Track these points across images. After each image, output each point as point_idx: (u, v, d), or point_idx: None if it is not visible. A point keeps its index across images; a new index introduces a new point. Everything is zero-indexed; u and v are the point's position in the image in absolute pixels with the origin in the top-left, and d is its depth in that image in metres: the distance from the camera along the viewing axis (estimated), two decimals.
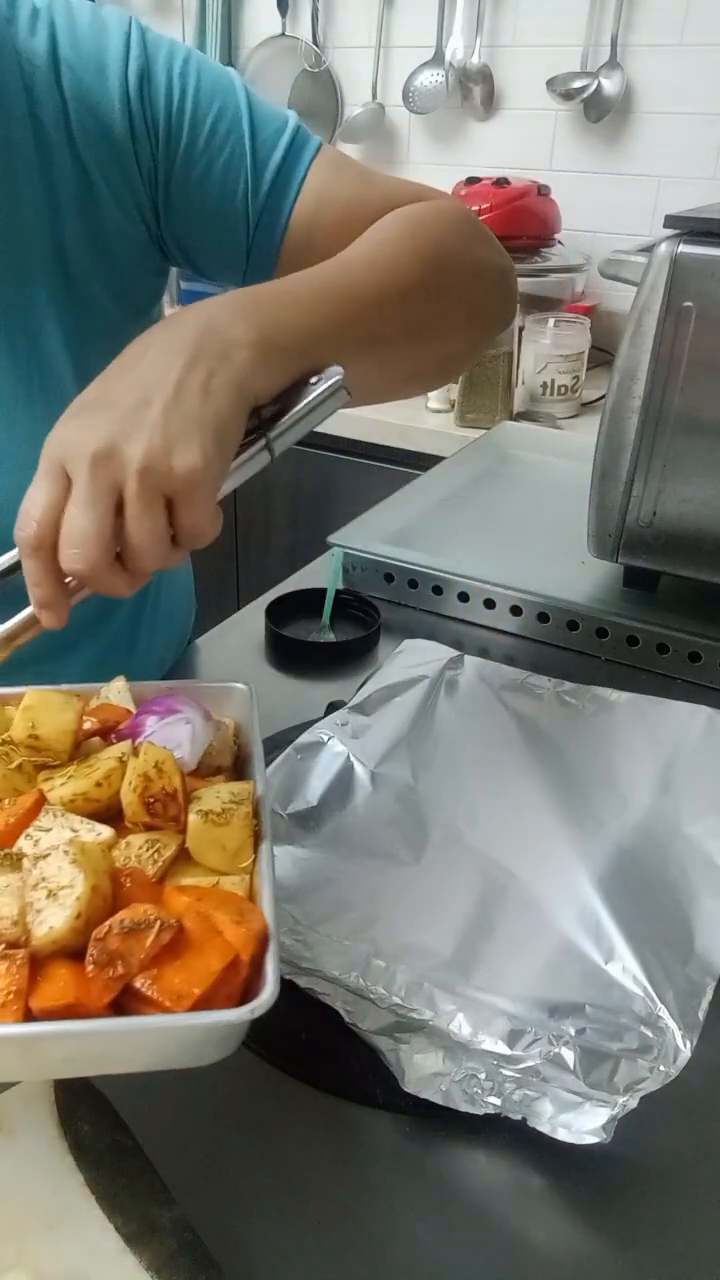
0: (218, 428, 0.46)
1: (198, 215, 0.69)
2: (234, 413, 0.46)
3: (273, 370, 0.49)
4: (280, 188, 0.67)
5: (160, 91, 0.65)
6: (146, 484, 0.44)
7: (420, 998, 0.50)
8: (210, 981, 0.36)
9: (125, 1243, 0.39)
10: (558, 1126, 0.45)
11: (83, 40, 0.65)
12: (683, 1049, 0.48)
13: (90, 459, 0.44)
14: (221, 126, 0.66)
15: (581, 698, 0.77)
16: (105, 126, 0.65)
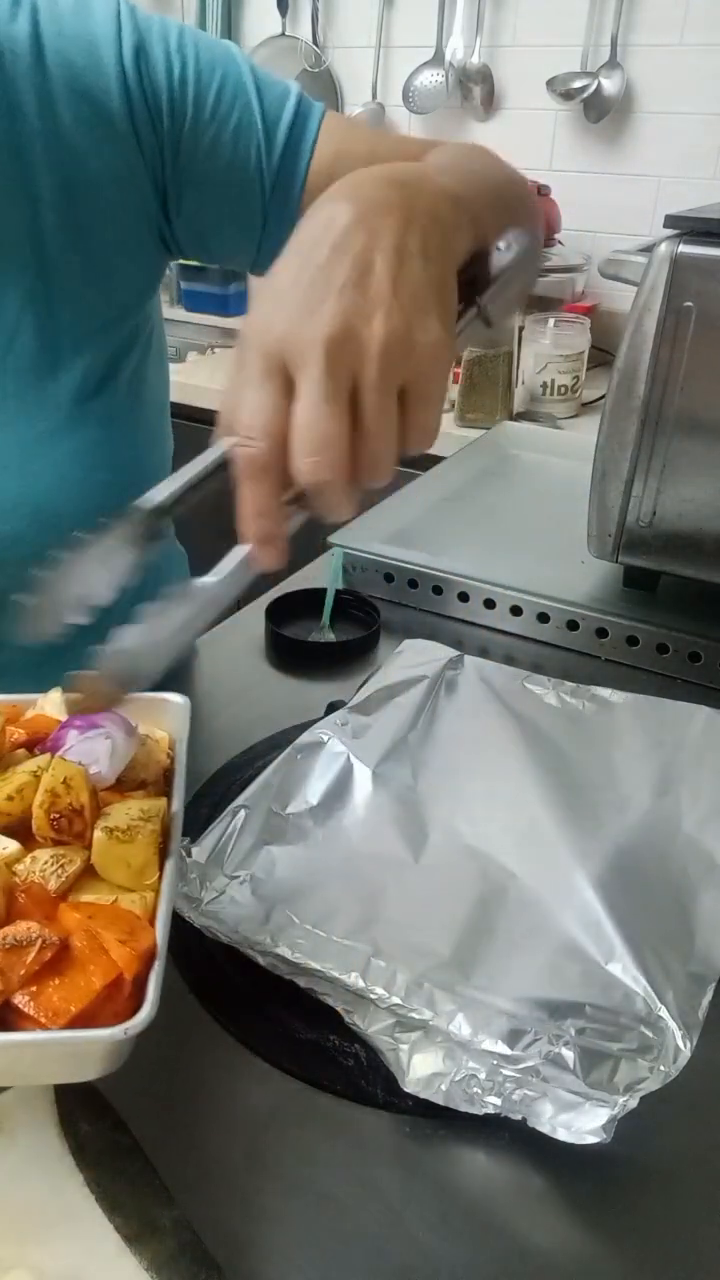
0: (448, 295, 0.41)
1: (211, 186, 0.67)
2: (452, 277, 0.42)
3: (468, 229, 0.45)
4: (294, 146, 0.66)
5: (159, 66, 0.63)
6: (390, 368, 0.38)
7: (420, 998, 0.50)
8: (89, 999, 0.37)
9: (125, 1243, 0.39)
10: (558, 1126, 0.45)
11: (68, 23, 0.62)
12: (683, 1049, 0.48)
13: (324, 345, 0.38)
14: (226, 94, 0.65)
15: (581, 698, 0.77)
16: (101, 108, 0.63)
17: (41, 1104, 0.44)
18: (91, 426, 0.70)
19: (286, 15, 2.11)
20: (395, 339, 0.38)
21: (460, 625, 0.93)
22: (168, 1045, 0.51)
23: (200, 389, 1.81)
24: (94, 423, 0.70)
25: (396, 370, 0.39)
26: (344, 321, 0.38)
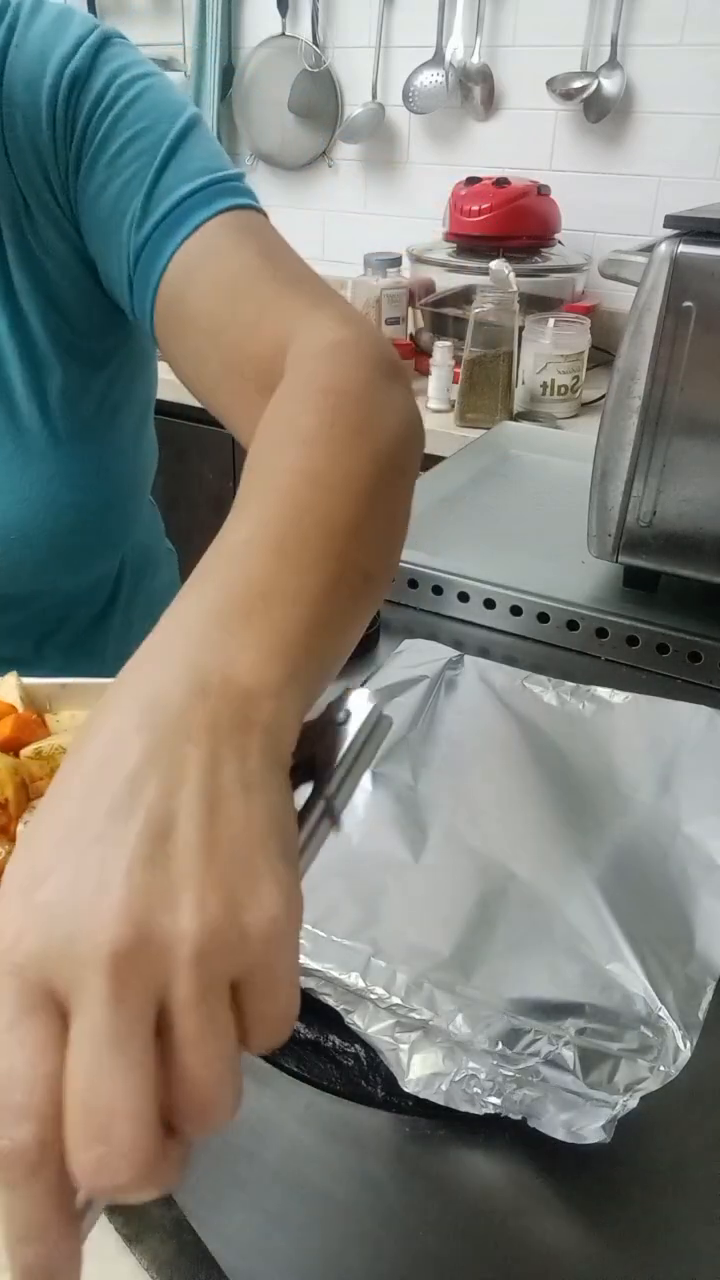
0: (282, 837, 0.28)
1: (94, 232, 0.62)
2: (286, 802, 0.30)
3: (301, 706, 0.34)
4: (166, 229, 0.58)
5: (90, 95, 0.59)
6: (210, 976, 0.25)
7: (420, 998, 0.50)
8: None
9: (125, 1243, 0.39)
10: (558, 1126, 0.45)
11: (33, 40, 0.59)
12: (683, 1049, 0.48)
13: (108, 963, 0.24)
14: (134, 147, 0.59)
15: (581, 698, 0.77)
16: (32, 132, 0.59)
17: None
18: (59, 449, 0.68)
19: (286, 15, 2.11)
20: (214, 931, 0.25)
21: (460, 625, 0.93)
22: None
23: None
24: (61, 445, 0.68)
25: (221, 974, 0.26)
26: (136, 918, 0.25)
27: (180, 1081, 0.25)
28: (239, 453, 1.86)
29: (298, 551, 0.36)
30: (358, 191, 2.20)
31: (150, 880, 0.25)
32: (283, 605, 0.34)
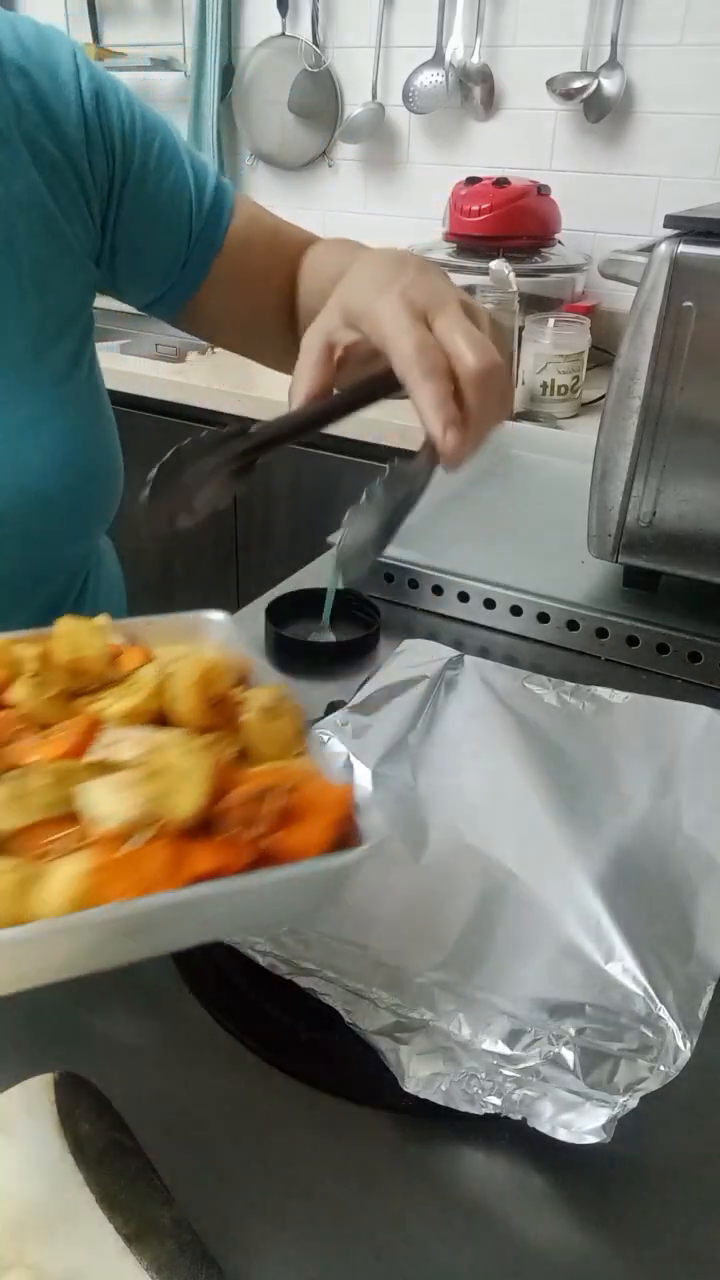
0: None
1: (145, 228, 0.74)
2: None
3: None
4: (218, 208, 0.76)
5: (113, 111, 0.70)
6: (468, 309, 0.53)
7: (420, 998, 0.50)
8: (328, 836, 0.40)
9: (125, 1243, 0.39)
10: (558, 1126, 0.45)
11: (31, 46, 0.66)
12: (683, 1049, 0.48)
13: (455, 299, 0.53)
14: (166, 154, 0.73)
15: (581, 698, 0.77)
16: (59, 130, 0.67)
17: (41, 1104, 0.44)
18: (70, 411, 0.73)
19: (286, 15, 2.11)
20: (467, 301, 0.54)
21: (460, 625, 0.93)
22: (168, 1045, 0.51)
23: (200, 389, 1.81)
24: (71, 408, 0.73)
25: (482, 317, 0.54)
26: (450, 288, 0.55)
27: (468, 346, 0.50)
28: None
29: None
30: (358, 191, 2.20)
31: (442, 280, 0.56)
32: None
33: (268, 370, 0.86)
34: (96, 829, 0.38)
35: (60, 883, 0.36)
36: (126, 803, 0.38)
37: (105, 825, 0.38)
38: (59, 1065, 0.46)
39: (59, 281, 0.71)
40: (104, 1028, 0.52)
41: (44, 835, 0.39)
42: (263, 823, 0.39)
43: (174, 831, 0.38)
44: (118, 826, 0.38)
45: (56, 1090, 0.44)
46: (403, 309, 0.51)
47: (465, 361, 0.49)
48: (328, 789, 0.42)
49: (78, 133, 0.68)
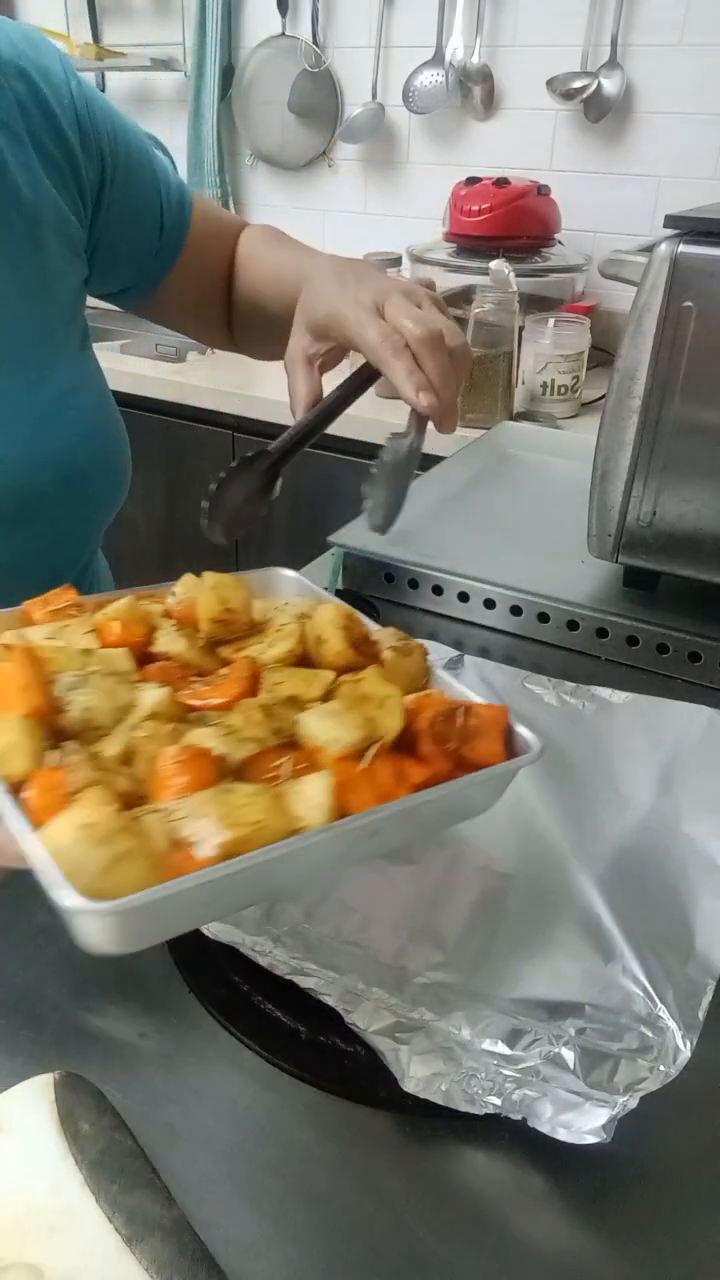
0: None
1: (123, 226, 0.78)
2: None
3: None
4: (182, 206, 0.81)
5: (99, 115, 0.74)
6: (419, 295, 0.62)
7: (420, 998, 0.50)
8: (501, 744, 0.50)
9: (125, 1243, 0.39)
10: (557, 1126, 0.45)
11: (24, 49, 0.69)
12: (683, 1049, 0.48)
13: (398, 292, 0.62)
14: (141, 156, 0.78)
15: (581, 698, 0.77)
16: (58, 131, 0.71)
17: (41, 1104, 0.44)
18: (92, 385, 0.77)
19: (286, 15, 2.10)
20: (408, 287, 0.63)
21: (460, 625, 0.93)
22: (168, 1045, 0.51)
23: (199, 389, 1.81)
24: (94, 381, 0.78)
25: (420, 296, 0.63)
26: (394, 284, 0.63)
27: (439, 319, 0.61)
28: (239, 453, 1.85)
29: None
30: (358, 191, 2.20)
31: (386, 279, 0.64)
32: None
33: (267, 371, 0.87)
34: (324, 752, 0.45)
35: (316, 796, 0.42)
36: (347, 727, 0.46)
37: (334, 748, 0.45)
38: (59, 1065, 0.46)
39: (69, 268, 0.74)
40: (104, 1028, 0.52)
41: (267, 763, 0.45)
42: (456, 737, 0.48)
43: (387, 748, 0.46)
44: (344, 748, 0.45)
45: (56, 1090, 0.44)
46: (359, 310, 0.61)
47: (413, 335, 0.59)
48: (489, 708, 0.51)
49: (73, 135, 0.71)
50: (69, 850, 0.37)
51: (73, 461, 0.72)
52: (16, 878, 0.42)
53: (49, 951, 0.56)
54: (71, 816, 0.38)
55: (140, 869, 0.38)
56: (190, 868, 0.38)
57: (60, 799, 0.41)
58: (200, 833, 0.39)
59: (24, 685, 0.45)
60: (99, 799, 0.40)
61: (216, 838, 0.39)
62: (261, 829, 0.40)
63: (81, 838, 0.38)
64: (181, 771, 0.43)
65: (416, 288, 0.64)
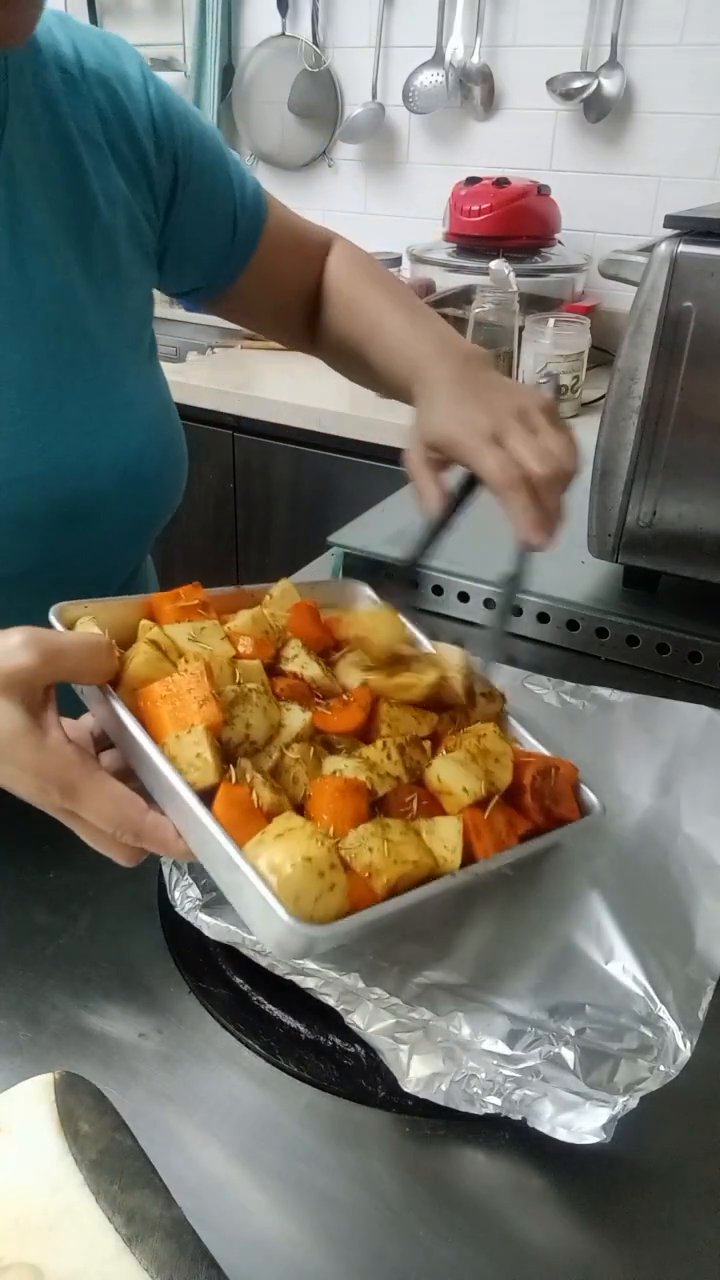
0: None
1: (195, 228, 0.77)
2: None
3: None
4: (256, 210, 0.81)
5: (175, 120, 0.73)
6: (550, 417, 0.65)
7: (420, 998, 0.50)
8: (575, 800, 0.58)
9: (125, 1243, 0.39)
10: (557, 1126, 0.45)
11: (103, 56, 0.69)
12: (683, 1049, 0.48)
13: (514, 417, 0.64)
14: (216, 159, 0.77)
15: (581, 698, 0.77)
16: (134, 138, 0.70)
17: (41, 1104, 0.44)
18: (158, 394, 0.77)
19: (286, 15, 2.10)
20: (540, 404, 0.66)
21: (460, 625, 0.93)
22: (168, 1045, 0.51)
23: (200, 389, 1.81)
24: (161, 392, 0.78)
25: (552, 417, 0.65)
26: (510, 403, 0.65)
27: (558, 443, 0.63)
28: (239, 452, 1.86)
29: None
30: (358, 191, 2.20)
31: (514, 396, 0.66)
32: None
33: (266, 372, 0.87)
34: (454, 798, 0.52)
35: (451, 840, 0.50)
36: (475, 778, 0.53)
37: (464, 798, 0.52)
38: (59, 1065, 0.46)
39: (142, 276, 0.74)
40: (104, 1028, 0.52)
41: (400, 798, 0.51)
42: (550, 795, 0.56)
43: (501, 799, 0.54)
44: (473, 797, 0.52)
45: (56, 1090, 0.44)
46: (477, 439, 0.63)
47: (533, 471, 0.61)
48: (568, 767, 0.59)
49: (148, 141, 0.71)
50: (291, 878, 0.43)
51: (132, 469, 0.72)
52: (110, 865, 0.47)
53: (49, 951, 0.56)
54: (291, 848, 0.44)
55: (341, 898, 0.44)
56: (370, 899, 0.45)
57: (248, 813, 0.46)
58: (373, 866, 0.46)
59: (204, 699, 0.48)
60: (312, 834, 0.45)
61: (385, 874, 0.46)
62: (417, 867, 0.47)
63: (304, 869, 0.43)
64: (342, 800, 0.49)
65: (534, 406, 0.65)
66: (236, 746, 0.49)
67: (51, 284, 0.65)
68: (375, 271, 0.86)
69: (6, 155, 0.62)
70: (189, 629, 0.54)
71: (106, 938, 0.57)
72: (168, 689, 0.49)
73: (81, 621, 0.53)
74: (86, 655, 0.48)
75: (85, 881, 0.61)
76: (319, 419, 1.72)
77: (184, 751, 0.47)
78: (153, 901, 0.59)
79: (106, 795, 0.45)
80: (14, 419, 0.64)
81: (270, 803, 0.47)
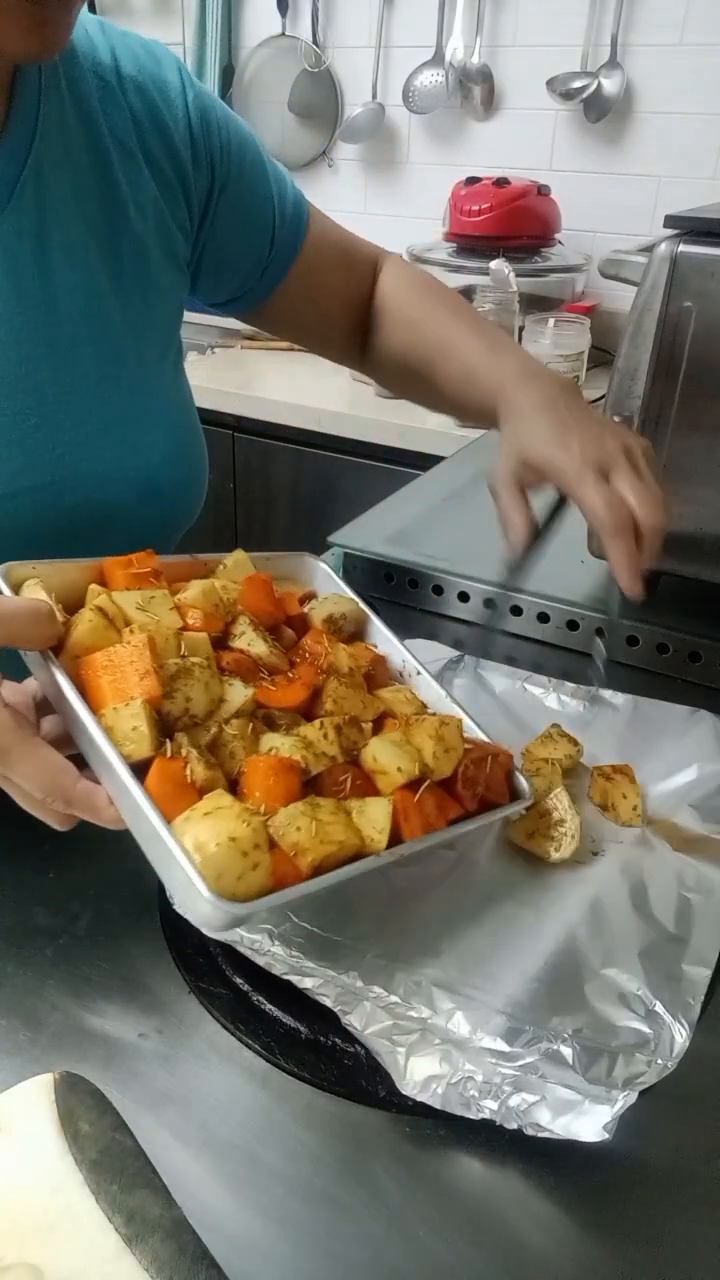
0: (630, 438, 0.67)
1: (232, 238, 0.77)
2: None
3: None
4: (297, 220, 0.80)
5: (214, 128, 0.72)
6: (641, 457, 0.64)
7: (419, 996, 0.50)
8: (507, 786, 0.58)
9: (125, 1243, 0.39)
10: (558, 1127, 0.45)
11: (145, 62, 0.69)
12: (679, 1040, 0.48)
13: (623, 454, 0.62)
14: (255, 167, 0.77)
15: (581, 698, 0.77)
16: (170, 146, 0.70)
17: (41, 1104, 0.44)
18: (180, 408, 0.77)
19: (286, 15, 2.10)
20: (641, 444, 0.65)
21: (460, 625, 0.93)
22: (168, 1045, 0.51)
23: (200, 389, 1.80)
24: (185, 406, 0.78)
25: (644, 465, 0.63)
26: (617, 438, 0.64)
27: (641, 503, 0.61)
28: (239, 452, 1.86)
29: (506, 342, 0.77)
30: (358, 191, 2.20)
31: (611, 431, 0.65)
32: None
33: (266, 372, 0.87)
34: (387, 777, 0.52)
35: (379, 821, 0.50)
36: (408, 759, 0.53)
37: (398, 777, 0.52)
38: (59, 1065, 0.46)
39: (172, 286, 0.73)
40: (104, 1028, 0.52)
41: (334, 777, 0.52)
42: (484, 782, 0.56)
43: (435, 783, 0.54)
44: (406, 778, 0.52)
45: (56, 1090, 0.44)
46: (584, 469, 0.61)
47: (646, 520, 0.60)
48: (501, 752, 0.58)
49: (185, 149, 0.70)
50: (214, 856, 0.43)
51: (154, 480, 0.72)
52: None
53: (49, 951, 0.56)
54: (217, 827, 0.44)
55: (264, 877, 0.44)
56: (295, 876, 0.46)
57: (181, 788, 0.46)
58: (299, 845, 0.46)
59: (144, 672, 0.48)
60: (239, 813, 0.45)
61: (311, 854, 0.46)
62: (343, 847, 0.48)
63: (227, 849, 0.43)
64: (274, 778, 0.49)
65: (638, 447, 0.64)
66: (176, 720, 0.49)
67: (78, 293, 0.65)
68: (438, 289, 0.84)
69: (37, 163, 0.62)
70: (138, 597, 0.53)
71: (106, 938, 0.57)
72: (109, 659, 0.49)
73: (28, 584, 0.53)
74: (27, 621, 0.48)
75: (85, 881, 0.61)
76: (319, 419, 1.72)
77: (121, 724, 0.47)
78: (153, 901, 0.59)
79: (38, 762, 0.45)
80: (31, 428, 0.64)
81: (204, 779, 0.47)
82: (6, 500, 0.64)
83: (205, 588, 0.57)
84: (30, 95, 0.62)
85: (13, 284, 0.61)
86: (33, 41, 0.54)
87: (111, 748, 0.46)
